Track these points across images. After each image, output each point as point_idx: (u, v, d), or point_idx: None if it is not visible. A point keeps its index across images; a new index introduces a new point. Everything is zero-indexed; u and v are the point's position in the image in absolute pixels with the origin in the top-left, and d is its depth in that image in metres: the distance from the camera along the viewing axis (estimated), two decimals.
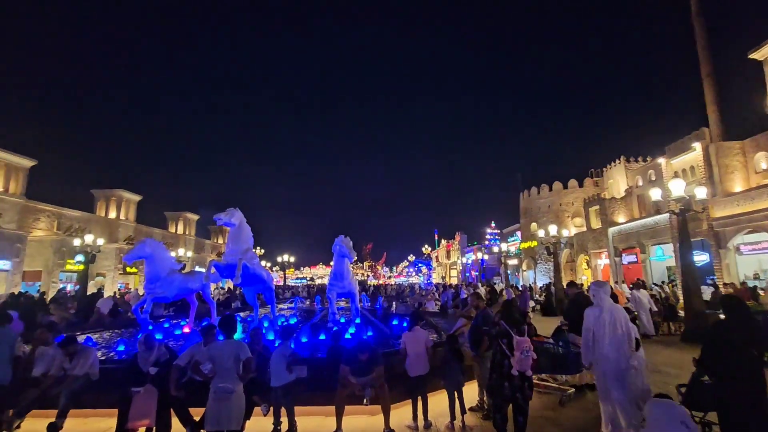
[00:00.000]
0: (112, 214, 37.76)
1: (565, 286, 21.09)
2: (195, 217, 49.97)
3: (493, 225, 61.63)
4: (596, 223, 30.51)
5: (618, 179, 31.70)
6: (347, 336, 9.47)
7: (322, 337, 9.15)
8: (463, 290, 15.69)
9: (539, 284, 34.98)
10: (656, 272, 24.57)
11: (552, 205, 38.65)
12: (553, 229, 22.18)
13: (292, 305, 20.36)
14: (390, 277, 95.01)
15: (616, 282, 26.71)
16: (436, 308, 16.70)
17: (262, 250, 48.03)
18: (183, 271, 11.42)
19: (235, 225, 9.57)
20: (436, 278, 79.84)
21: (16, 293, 20.01)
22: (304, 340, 8.75)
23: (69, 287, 29.09)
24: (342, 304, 15.33)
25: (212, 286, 31.62)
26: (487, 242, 59.91)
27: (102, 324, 12.50)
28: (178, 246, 40.08)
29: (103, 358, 7.51)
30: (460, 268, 67.90)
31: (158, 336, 9.67)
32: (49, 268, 28.73)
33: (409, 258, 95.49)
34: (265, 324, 11.47)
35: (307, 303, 22.76)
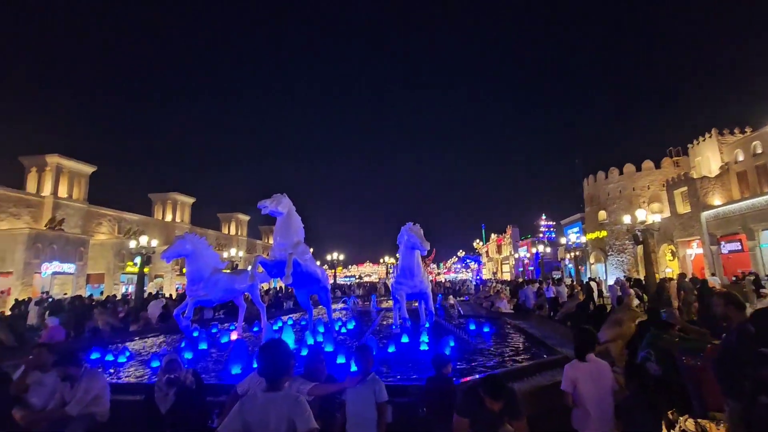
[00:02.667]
0: (168, 217, 38.78)
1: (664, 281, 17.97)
2: (246, 217, 50.66)
3: (544, 217, 57.57)
4: (683, 208, 26.52)
5: (708, 156, 27.37)
6: (422, 346, 7.67)
7: (392, 349, 7.41)
8: (550, 287, 13.39)
9: (610, 279, 31.31)
10: None
11: (623, 190, 34.56)
12: (641, 214, 19.00)
13: (345, 305, 18.94)
14: (438, 274, 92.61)
15: (713, 275, 22.88)
16: (509, 308, 14.48)
17: (312, 249, 47.59)
18: (229, 270, 10.20)
19: (282, 214, 8.08)
20: (486, 274, 76.57)
21: (80, 296, 20.32)
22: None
23: (129, 289, 29.90)
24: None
25: (264, 285, 31.26)
26: (541, 235, 55.91)
27: (150, 329, 11.61)
28: (230, 246, 40.44)
29: (129, 379, 6.21)
30: (513, 263, 64.36)
31: (202, 345, 8.43)
32: (110, 270, 29.58)
33: (458, 253, 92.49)
34: (320, 329, 9.97)
35: (360, 303, 21.31)
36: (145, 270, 24.88)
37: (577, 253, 38.31)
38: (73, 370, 3.82)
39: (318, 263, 10.01)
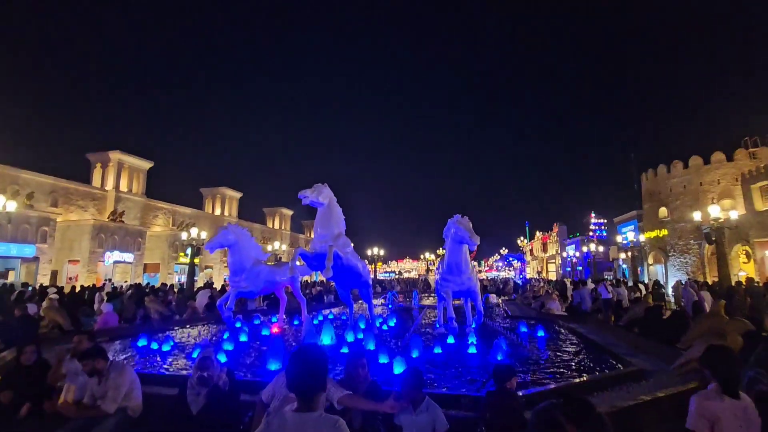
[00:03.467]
0: (218, 211, 40.43)
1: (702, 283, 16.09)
2: (290, 212, 51.91)
3: (593, 214, 54.30)
4: (762, 204, 23.72)
5: None
6: (471, 348, 7.09)
7: (438, 350, 6.89)
8: (605, 288, 12.23)
9: (671, 282, 28.73)
10: None
11: (688, 184, 31.58)
12: (714, 210, 17.05)
13: (385, 302, 18.59)
14: (480, 271, 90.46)
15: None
16: (562, 310, 13.45)
17: (352, 243, 47.87)
18: (271, 263, 10.11)
19: (323, 204, 7.77)
20: (530, 273, 73.73)
21: (138, 284, 21.49)
22: (414, 354, 6.57)
23: (182, 279, 31.44)
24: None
25: (306, 278, 31.72)
26: (591, 233, 52.70)
27: (197, 319, 11.85)
28: (274, 240, 41.51)
29: (170, 369, 6.14)
30: (559, 262, 61.39)
31: (242, 338, 8.34)
32: (165, 260, 31.20)
33: (501, 251, 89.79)
34: (362, 325, 9.64)
35: (400, 298, 20.91)
36: (196, 261, 25.97)
37: (635, 252, 35.69)
38: (99, 363, 3.65)
39: (360, 258, 9.66)
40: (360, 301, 12.83)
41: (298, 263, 8.82)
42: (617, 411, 3.51)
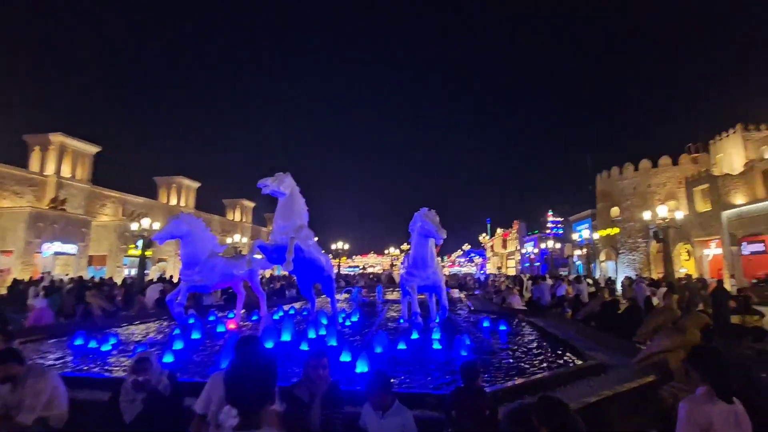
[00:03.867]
0: (173, 201, 38.35)
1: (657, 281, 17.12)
2: (251, 204, 50.17)
3: (550, 213, 56.66)
4: (703, 206, 25.49)
5: (731, 153, 26.25)
6: (435, 344, 6.97)
7: (402, 346, 6.71)
8: (561, 285, 12.62)
9: (620, 278, 30.44)
10: None
11: (638, 186, 33.45)
12: (662, 210, 18.09)
13: (349, 296, 18.31)
14: (443, 267, 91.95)
15: (732, 276, 21.96)
16: (522, 304, 13.74)
17: (316, 238, 47.09)
18: (227, 255, 9.55)
19: (285, 195, 7.38)
20: (490, 268, 75.88)
21: (80, 277, 19.90)
22: (378, 350, 6.36)
23: (132, 272, 29.56)
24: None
25: (266, 272, 30.77)
26: (548, 231, 55.00)
27: (145, 315, 11.04)
28: (234, 233, 40.00)
29: (105, 372, 5.56)
30: (519, 258, 63.62)
31: (195, 335, 7.79)
32: (113, 252, 29.21)
33: (463, 247, 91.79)
34: (323, 321, 9.32)
35: (364, 293, 20.68)
36: (148, 253, 24.45)
37: (588, 250, 37.47)
38: (13, 369, 3.12)
39: (323, 252, 9.32)
40: (323, 296, 12.48)
41: (257, 256, 8.35)
42: (584, 407, 3.46)
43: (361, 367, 5.39)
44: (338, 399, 3.06)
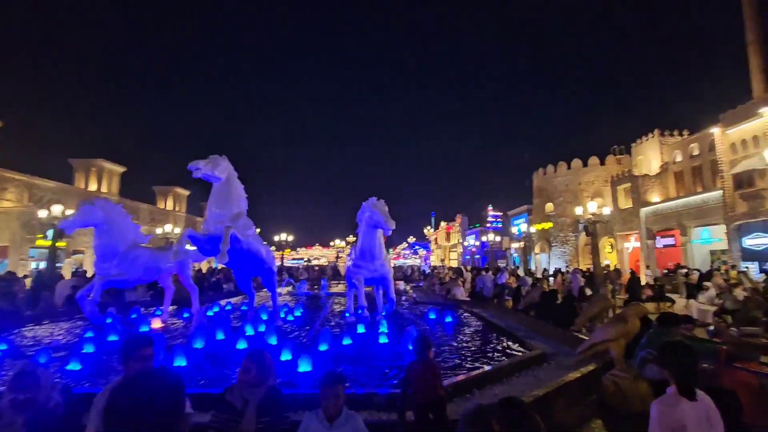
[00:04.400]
0: (93, 187, 34.53)
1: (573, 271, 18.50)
2: (186, 192, 46.70)
3: (490, 207, 59.30)
4: (625, 203, 27.85)
5: (650, 155, 28.85)
6: (382, 338, 6.72)
7: (347, 341, 6.39)
8: (502, 276, 13.03)
9: (552, 269, 32.60)
10: (698, 256, 22.07)
11: (570, 184, 35.88)
12: (592, 206, 19.40)
13: (293, 290, 17.64)
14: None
15: (648, 267, 24.31)
16: (465, 296, 14.02)
17: (258, 229, 45.09)
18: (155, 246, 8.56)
19: (220, 179, 6.68)
20: (434, 261, 77.89)
21: None
22: (323, 347, 5.97)
23: (41, 265, 26.22)
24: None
25: (199, 265, 28.86)
26: (488, 225, 57.56)
27: (52, 314, 9.67)
28: (166, 222, 37.06)
29: None
30: (461, 250, 65.88)
31: (112, 337, 6.87)
32: (16, 243, 25.67)
33: (408, 239, 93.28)
34: (263, 316, 8.73)
35: (308, 286, 20.08)
36: (60, 244, 21.77)
37: (525, 243, 39.66)
38: None
39: (265, 243, 8.68)
40: (264, 291, 11.78)
41: (188, 247, 7.54)
42: (534, 401, 3.36)
43: (304, 367, 4.99)
44: (279, 404, 2.66)
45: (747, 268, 17.30)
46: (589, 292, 11.27)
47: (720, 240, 20.41)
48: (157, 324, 8.26)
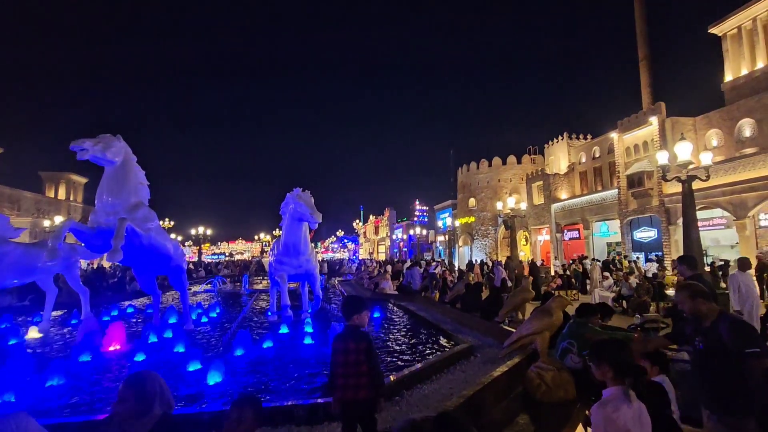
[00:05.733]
0: None
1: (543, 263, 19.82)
2: (83, 180, 41.05)
3: (417, 202, 61.20)
4: (538, 199, 30.21)
5: (559, 156, 31.62)
6: (306, 339, 6.27)
7: (268, 344, 5.83)
8: (434, 266, 13.21)
9: (473, 261, 34.44)
10: (597, 248, 24.70)
11: (491, 180, 38.09)
12: (511, 202, 20.69)
13: (210, 287, 16.30)
14: (317, 253, 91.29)
15: (556, 257, 26.70)
16: (393, 289, 14.02)
17: (172, 222, 41.28)
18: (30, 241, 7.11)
19: (114, 163, 5.68)
20: (362, 254, 78.34)
21: None
22: (239, 353, 5.37)
23: None
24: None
25: (104, 262, 25.60)
26: (415, 218, 59.28)
27: None
28: (56, 214, 32.23)
29: None
30: (389, 244, 67.00)
31: None
32: None
33: (337, 233, 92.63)
34: (172, 320, 7.77)
35: (229, 284, 18.77)
36: None
37: (450, 236, 41.33)
38: None
39: (179, 239, 7.69)
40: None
41: (71, 242, 6.36)
42: (465, 401, 3.22)
43: (214, 378, 4.40)
44: None
45: (637, 257, 19.67)
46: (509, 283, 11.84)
47: (616, 233, 22.99)
48: (33, 334, 6.90)
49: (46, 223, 26.32)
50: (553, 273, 21.18)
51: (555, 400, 3.72)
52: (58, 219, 27.47)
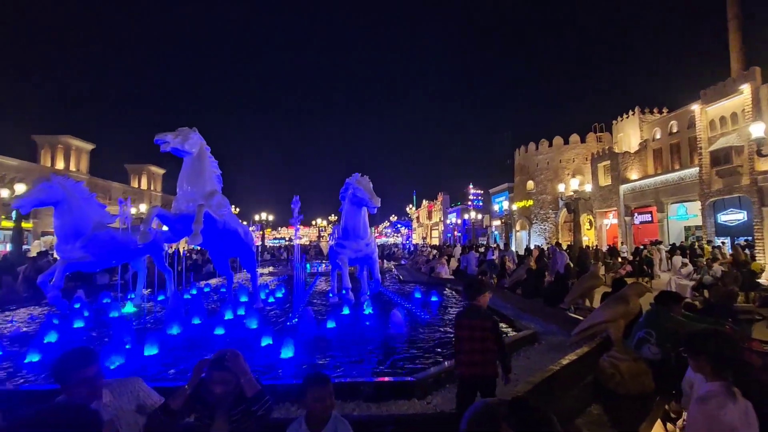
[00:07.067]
0: (60, 165, 32.79)
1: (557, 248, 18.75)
2: (161, 171, 45.00)
3: (471, 186, 59.54)
4: (605, 180, 28.18)
5: (629, 132, 29.11)
6: (367, 321, 6.49)
7: (331, 324, 6.11)
8: (492, 252, 12.95)
9: (533, 246, 33.07)
10: (673, 232, 22.64)
11: (551, 161, 36.09)
12: (574, 183, 19.50)
13: (274, 269, 17.27)
14: None
15: (623, 243, 24.86)
16: (449, 274, 13.94)
17: (238, 209, 44.07)
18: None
19: (191, 154, 6.17)
20: (416, 239, 78.36)
21: None
22: (304, 330, 5.69)
23: (8, 247, 24.93)
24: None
25: (181, 245, 28.13)
26: (469, 203, 57.90)
27: (14, 299, 9.07)
28: (140, 202, 35.69)
29: None
30: (442, 228, 66.34)
31: (78, 323, 6.41)
32: None
33: (391, 218, 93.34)
34: (243, 299, 8.38)
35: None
36: (26, 225, 20.67)
37: (506, 220, 40.00)
38: None
39: (243, 222, 8.24)
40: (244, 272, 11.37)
41: (155, 227, 7.05)
42: (532, 388, 3.17)
43: (286, 353, 4.70)
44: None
45: (722, 242, 17.79)
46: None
47: (695, 216, 20.89)
48: (130, 308, 7.82)
49: (133, 210, 29.29)
50: (620, 259, 19.80)
51: (630, 391, 3.54)
52: (143, 207, 30.44)
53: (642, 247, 22.49)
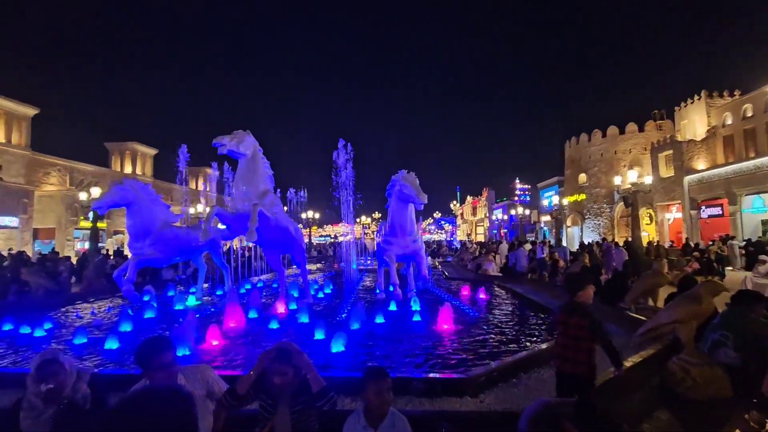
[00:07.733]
0: (128, 169, 35.68)
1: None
2: (216, 172, 47.61)
3: (518, 180, 57.47)
4: (667, 171, 26.18)
5: (695, 119, 26.81)
6: (415, 316, 6.50)
7: (380, 320, 6.20)
8: (541, 248, 12.52)
9: (586, 242, 31.39)
10: (748, 227, 20.59)
11: (605, 152, 34.05)
12: (632, 175, 18.25)
13: (322, 265, 17.73)
14: None
15: (687, 239, 22.94)
16: (497, 271, 13.61)
17: (285, 207, 45.63)
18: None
19: (245, 155, 6.49)
20: (460, 235, 77.13)
21: (20, 252, 18.14)
22: (354, 326, 5.81)
23: (86, 245, 27.54)
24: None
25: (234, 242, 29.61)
26: (516, 198, 55.97)
27: (93, 292, 10.02)
28: (197, 203, 38.04)
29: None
30: (488, 225, 64.79)
31: (149, 314, 6.97)
32: (62, 225, 26.99)
33: (434, 215, 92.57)
34: (294, 294, 8.70)
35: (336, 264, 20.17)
36: (101, 225, 22.66)
37: (556, 215, 38.31)
38: None
39: (291, 220, 8.54)
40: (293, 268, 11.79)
41: (215, 225, 7.49)
42: (596, 389, 3.03)
43: (337, 347, 4.84)
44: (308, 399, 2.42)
45: None
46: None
47: None
48: (192, 301, 8.39)
49: (192, 210, 31.27)
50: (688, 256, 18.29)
51: (702, 397, 3.29)
52: (200, 207, 32.43)
53: (711, 243, 20.71)
